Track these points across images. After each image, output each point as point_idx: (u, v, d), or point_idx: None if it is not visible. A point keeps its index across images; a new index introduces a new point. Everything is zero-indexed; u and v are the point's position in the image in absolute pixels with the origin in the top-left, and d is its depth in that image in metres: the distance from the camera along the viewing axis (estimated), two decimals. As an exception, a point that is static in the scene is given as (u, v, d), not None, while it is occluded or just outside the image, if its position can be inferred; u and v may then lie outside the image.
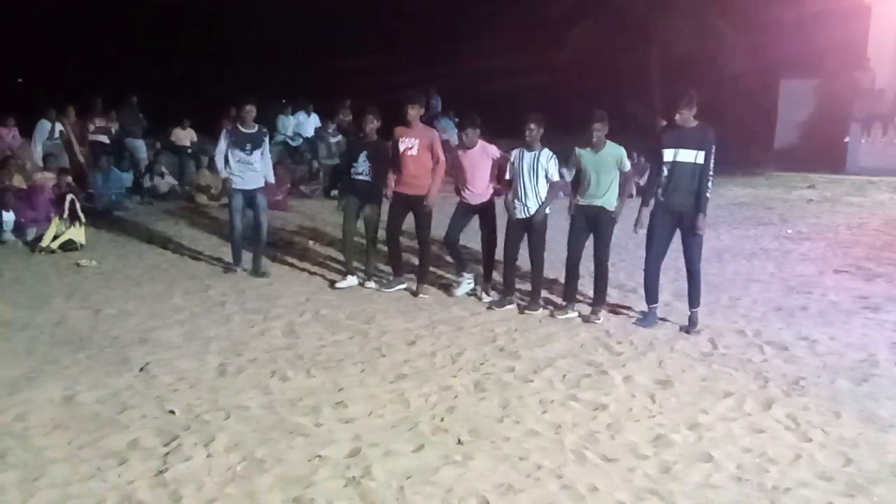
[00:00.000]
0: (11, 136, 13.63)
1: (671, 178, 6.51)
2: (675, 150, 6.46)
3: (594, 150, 6.84)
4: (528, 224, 7.12)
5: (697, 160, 6.43)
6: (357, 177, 7.93)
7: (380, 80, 19.81)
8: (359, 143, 8.07)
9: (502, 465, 4.09)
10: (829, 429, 4.64)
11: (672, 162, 6.47)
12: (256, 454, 4.15)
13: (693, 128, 6.45)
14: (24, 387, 5.06)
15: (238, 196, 8.36)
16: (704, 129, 6.47)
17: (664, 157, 6.51)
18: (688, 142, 6.43)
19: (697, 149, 6.42)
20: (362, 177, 7.90)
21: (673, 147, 6.47)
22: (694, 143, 6.42)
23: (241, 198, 8.36)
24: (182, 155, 15.42)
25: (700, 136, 6.43)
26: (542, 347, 6.16)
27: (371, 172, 7.86)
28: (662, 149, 6.52)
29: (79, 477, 3.86)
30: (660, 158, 6.55)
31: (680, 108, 6.41)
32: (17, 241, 9.86)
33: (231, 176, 8.30)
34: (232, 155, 8.26)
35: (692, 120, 6.44)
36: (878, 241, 10.99)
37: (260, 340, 6.20)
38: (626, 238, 9.60)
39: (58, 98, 13.95)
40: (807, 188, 17.34)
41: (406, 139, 7.61)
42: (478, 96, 19.73)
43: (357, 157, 7.91)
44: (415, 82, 9.85)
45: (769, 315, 7.18)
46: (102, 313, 6.89)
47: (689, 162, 6.43)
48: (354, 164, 7.92)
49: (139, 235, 10.71)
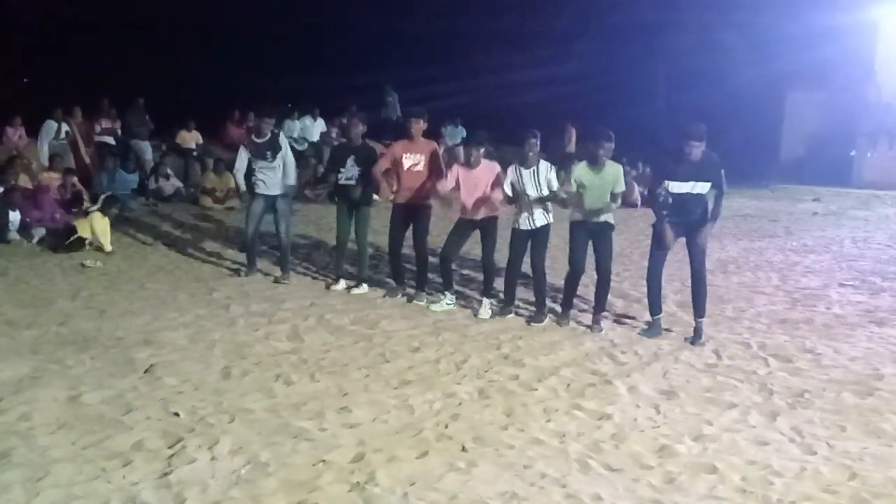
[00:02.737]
0: (18, 135, 13.68)
1: (676, 205, 6.53)
2: (680, 182, 6.43)
3: (596, 169, 6.83)
4: (532, 235, 7.13)
5: (704, 191, 6.45)
6: (346, 182, 7.93)
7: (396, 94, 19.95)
8: (345, 148, 8.10)
9: (506, 473, 4.08)
10: (834, 442, 4.63)
11: (678, 193, 6.46)
12: (261, 458, 4.14)
13: (701, 160, 6.38)
14: (29, 386, 5.06)
15: (260, 201, 8.34)
16: (711, 159, 6.43)
17: (670, 189, 6.48)
18: (696, 174, 6.41)
19: (705, 180, 6.42)
20: (351, 181, 7.91)
21: (679, 180, 6.44)
22: (702, 175, 6.41)
23: (262, 203, 8.34)
24: (187, 157, 15.46)
25: (708, 167, 6.40)
26: (547, 356, 6.15)
27: (359, 177, 7.87)
28: (668, 180, 6.48)
29: (83, 477, 3.86)
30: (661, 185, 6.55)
31: (691, 140, 6.31)
32: (22, 240, 9.88)
33: (255, 181, 8.29)
34: (256, 165, 8.24)
35: (700, 152, 6.38)
36: (884, 255, 10.99)
37: (264, 344, 6.20)
38: (631, 248, 9.63)
39: (64, 98, 13.96)
40: (812, 201, 17.37)
41: (411, 155, 7.62)
42: (487, 109, 19.81)
43: (344, 161, 7.92)
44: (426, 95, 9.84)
45: (774, 327, 7.18)
46: (107, 314, 6.89)
47: (696, 193, 6.45)
48: (342, 170, 7.92)
49: (144, 237, 10.74)
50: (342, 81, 20.36)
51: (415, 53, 23.68)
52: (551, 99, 21.68)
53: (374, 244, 9.70)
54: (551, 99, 21.68)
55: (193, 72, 21.16)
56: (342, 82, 20.32)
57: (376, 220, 10.17)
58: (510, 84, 22.76)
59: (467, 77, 22.38)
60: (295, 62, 22.40)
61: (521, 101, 21.36)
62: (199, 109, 16.57)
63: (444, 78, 21.13)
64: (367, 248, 8.27)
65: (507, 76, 23.02)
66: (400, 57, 23.45)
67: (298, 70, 21.09)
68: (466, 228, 7.53)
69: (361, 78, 20.63)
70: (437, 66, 21.90)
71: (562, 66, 22.85)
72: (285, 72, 21.03)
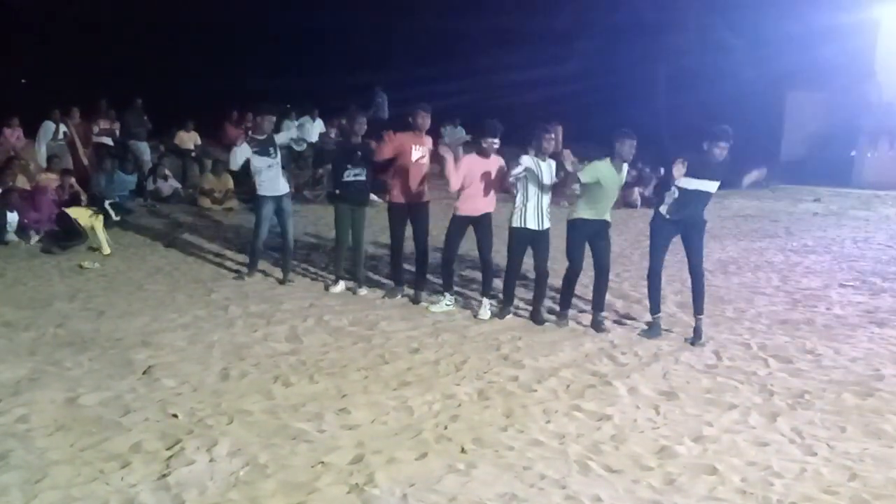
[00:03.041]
0: (16, 136, 13.68)
1: (682, 202, 6.56)
2: (698, 179, 6.49)
3: (618, 168, 6.80)
4: (538, 237, 7.08)
5: (712, 189, 6.58)
6: (354, 178, 7.88)
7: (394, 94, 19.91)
8: (350, 145, 8.07)
9: (506, 475, 4.07)
10: (835, 443, 4.61)
11: (690, 190, 6.52)
12: (259, 459, 4.12)
13: (721, 161, 6.46)
14: (27, 388, 5.05)
15: (269, 203, 8.27)
16: (726, 160, 6.51)
17: (686, 185, 6.51)
18: (713, 173, 6.50)
19: (718, 179, 6.56)
20: (359, 177, 7.89)
21: (696, 177, 6.48)
22: (717, 174, 6.52)
23: (271, 205, 8.28)
24: (186, 158, 15.45)
25: (723, 168, 6.51)
26: (547, 357, 6.13)
27: (365, 173, 7.87)
28: (689, 177, 6.49)
29: (81, 479, 3.84)
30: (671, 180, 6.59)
31: (720, 142, 6.39)
32: (20, 241, 9.87)
33: (260, 182, 8.24)
34: (260, 163, 8.16)
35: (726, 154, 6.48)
36: (884, 256, 10.98)
37: (263, 345, 6.19)
38: (631, 249, 9.61)
39: (62, 99, 13.96)
40: (813, 201, 17.35)
41: (419, 148, 7.59)
42: (486, 108, 19.75)
43: (351, 157, 7.88)
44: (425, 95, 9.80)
45: (774, 328, 7.16)
46: (105, 315, 6.88)
47: (706, 191, 6.56)
48: (349, 166, 7.87)
49: (142, 238, 10.73)
50: (340, 81, 20.37)
51: (413, 53, 23.68)
52: (550, 99, 21.67)
53: (375, 243, 9.70)
54: (550, 99, 21.67)
55: (191, 72, 21.14)
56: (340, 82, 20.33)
57: (376, 220, 10.20)
58: (509, 84, 22.75)
59: (466, 76, 22.36)
60: (294, 62, 22.42)
61: (520, 100, 21.34)
62: (198, 110, 16.55)
63: (442, 77, 21.11)
64: (364, 249, 8.24)
65: (505, 76, 23.01)
66: (398, 56, 23.48)
67: (297, 70, 21.11)
68: (462, 226, 7.43)
69: (360, 77, 20.64)
70: (436, 66, 21.88)
71: (561, 66, 22.84)
72: (284, 72, 21.04)
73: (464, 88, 21.53)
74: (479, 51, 23.89)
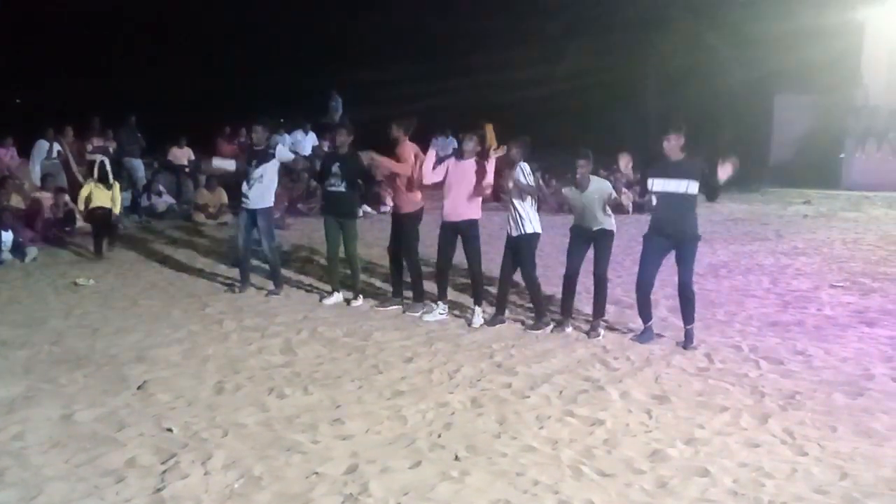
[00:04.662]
0: (9, 155, 13.69)
1: (658, 207, 6.59)
2: (663, 180, 6.48)
3: (580, 188, 6.91)
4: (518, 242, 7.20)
5: (682, 190, 6.43)
6: (331, 188, 7.97)
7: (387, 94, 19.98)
8: (332, 156, 8.17)
9: (499, 481, 4.10)
10: (825, 443, 4.65)
11: (660, 192, 6.51)
12: (254, 471, 4.15)
13: (683, 158, 6.43)
14: (23, 405, 5.07)
15: (243, 215, 8.39)
16: (693, 159, 6.47)
17: (653, 189, 6.54)
18: (676, 172, 6.42)
19: (686, 179, 6.41)
20: (337, 188, 7.94)
21: (660, 177, 6.49)
22: (683, 173, 6.41)
23: (245, 216, 8.36)
24: (180, 174, 15.49)
25: (692, 167, 6.42)
26: (539, 363, 6.17)
27: (345, 184, 7.91)
28: (653, 178, 6.54)
29: (77, 495, 3.86)
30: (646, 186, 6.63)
31: (669, 136, 6.39)
32: (14, 260, 9.88)
33: (241, 194, 8.35)
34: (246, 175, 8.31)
35: (680, 151, 6.43)
36: (874, 256, 11.04)
37: (257, 358, 6.21)
38: (623, 255, 9.65)
39: (56, 117, 14.01)
40: (802, 203, 17.43)
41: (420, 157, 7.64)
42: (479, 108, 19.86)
43: (330, 169, 7.96)
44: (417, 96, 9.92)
45: (765, 330, 7.21)
46: (100, 332, 6.90)
47: (676, 192, 6.44)
48: (329, 178, 7.96)
49: (137, 254, 10.75)
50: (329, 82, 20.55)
51: (406, 53, 23.81)
52: (541, 98, 21.81)
53: (364, 257, 9.73)
54: (541, 98, 21.81)
55: (184, 88, 21.25)
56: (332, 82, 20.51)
57: (369, 232, 10.24)
58: (499, 84, 22.89)
59: (459, 76, 22.50)
60: (286, 74, 22.53)
61: (510, 100, 21.47)
62: (191, 126, 16.62)
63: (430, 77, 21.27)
64: (359, 261, 8.27)
65: (496, 76, 23.16)
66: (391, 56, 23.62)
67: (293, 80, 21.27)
68: (447, 232, 7.43)
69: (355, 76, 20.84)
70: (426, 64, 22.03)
71: (551, 67, 22.99)
72: (278, 84, 21.18)
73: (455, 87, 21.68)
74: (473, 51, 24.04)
